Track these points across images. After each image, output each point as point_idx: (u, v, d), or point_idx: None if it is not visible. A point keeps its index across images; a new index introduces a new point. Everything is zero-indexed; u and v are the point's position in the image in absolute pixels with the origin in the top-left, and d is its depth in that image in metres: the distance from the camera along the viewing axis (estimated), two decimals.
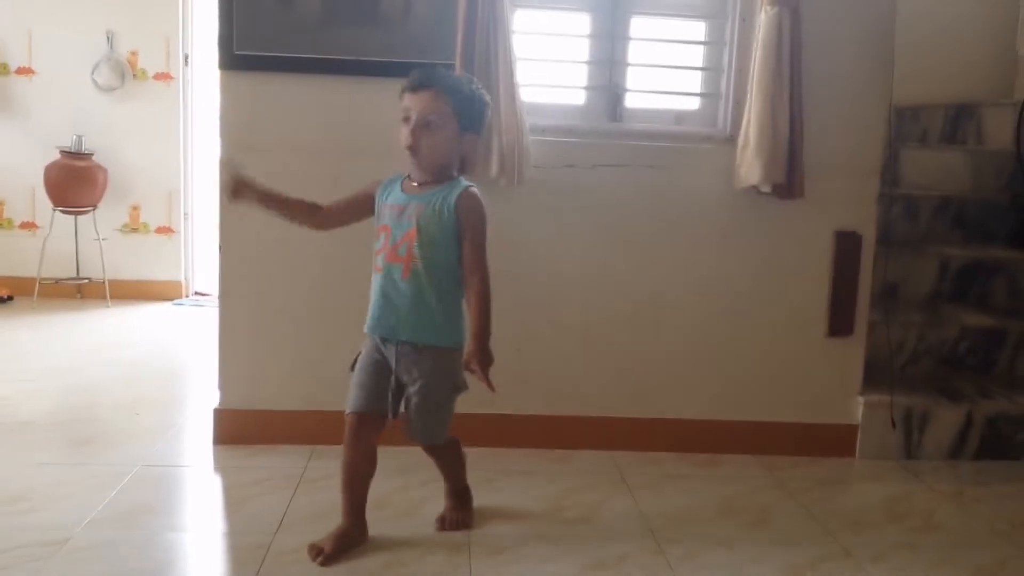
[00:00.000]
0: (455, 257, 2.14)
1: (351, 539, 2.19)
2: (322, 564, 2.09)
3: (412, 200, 2.14)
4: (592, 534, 2.35)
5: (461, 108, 2.11)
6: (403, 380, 2.18)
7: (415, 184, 2.17)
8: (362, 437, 2.19)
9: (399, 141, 2.13)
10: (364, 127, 2.78)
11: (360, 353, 2.24)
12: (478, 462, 2.68)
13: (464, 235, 2.12)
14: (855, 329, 3.01)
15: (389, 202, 2.18)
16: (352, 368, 2.24)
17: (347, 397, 2.21)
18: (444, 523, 2.34)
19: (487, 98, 2.22)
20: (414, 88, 2.11)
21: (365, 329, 2.22)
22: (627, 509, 2.53)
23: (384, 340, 2.18)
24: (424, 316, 2.13)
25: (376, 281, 2.18)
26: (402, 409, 2.21)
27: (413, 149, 2.11)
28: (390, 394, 2.18)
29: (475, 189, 2.17)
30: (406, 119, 2.11)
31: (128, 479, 2.57)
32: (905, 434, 3.03)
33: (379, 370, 2.19)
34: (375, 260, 2.19)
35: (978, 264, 3.48)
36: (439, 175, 2.16)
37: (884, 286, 3.16)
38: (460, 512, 2.37)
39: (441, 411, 2.21)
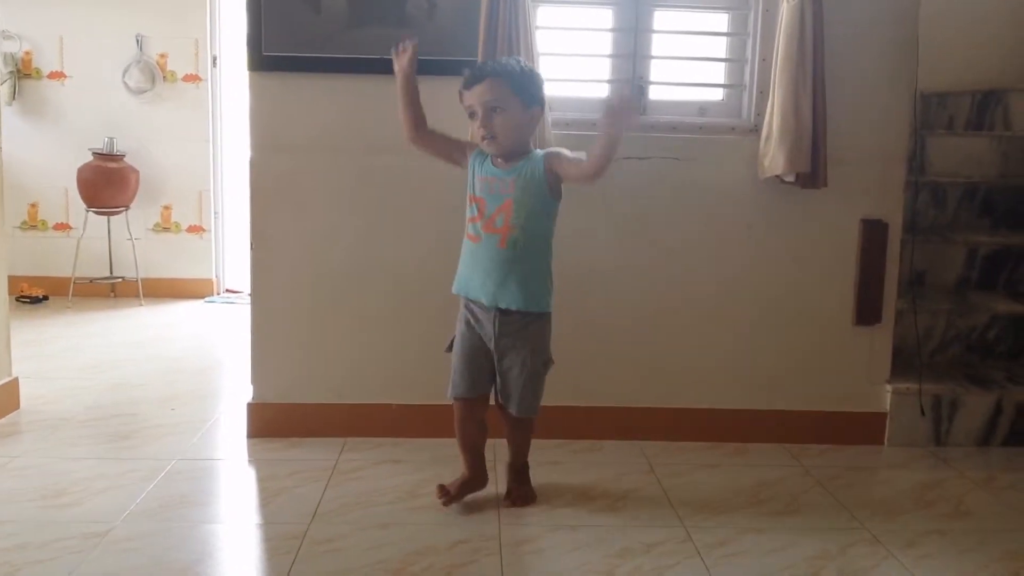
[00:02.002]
0: (548, 225, 2.32)
1: (473, 485, 2.43)
2: (444, 504, 2.37)
3: (504, 174, 2.27)
4: (621, 523, 2.37)
5: (518, 86, 2.22)
6: (500, 348, 2.32)
7: (501, 161, 2.30)
8: (471, 419, 2.39)
9: (473, 136, 2.30)
10: (391, 125, 2.79)
11: (455, 336, 2.40)
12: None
13: (561, 170, 2.25)
14: (883, 317, 3.01)
15: (481, 174, 2.31)
16: (449, 349, 2.41)
17: (450, 382, 2.39)
18: (512, 499, 2.46)
19: (538, 72, 2.38)
20: (469, 85, 2.24)
21: (456, 290, 2.37)
22: (656, 498, 2.54)
23: (480, 307, 2.32)
24: (521, 283, 2.27)
25: (471, 250, 2.32)
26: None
27: (489, 137, 2.23)
28: (488, 373, 2.37)
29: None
30: (472, 115, 2.26)
31: (165, 472, 2.62)
32: (934, 421, 3.03)
33: (476, 352, 2.35)
34: (468, 229, 2.33)
35: (1006, 251, 3.46)
36: (521, 154, 2.29)
37: (911, 274, 3.15)
38: (523, 487, 2.49)
39: (538, 382, 2.37)
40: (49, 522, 2.26)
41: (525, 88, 2.23)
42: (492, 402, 2.44)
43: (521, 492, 2.48)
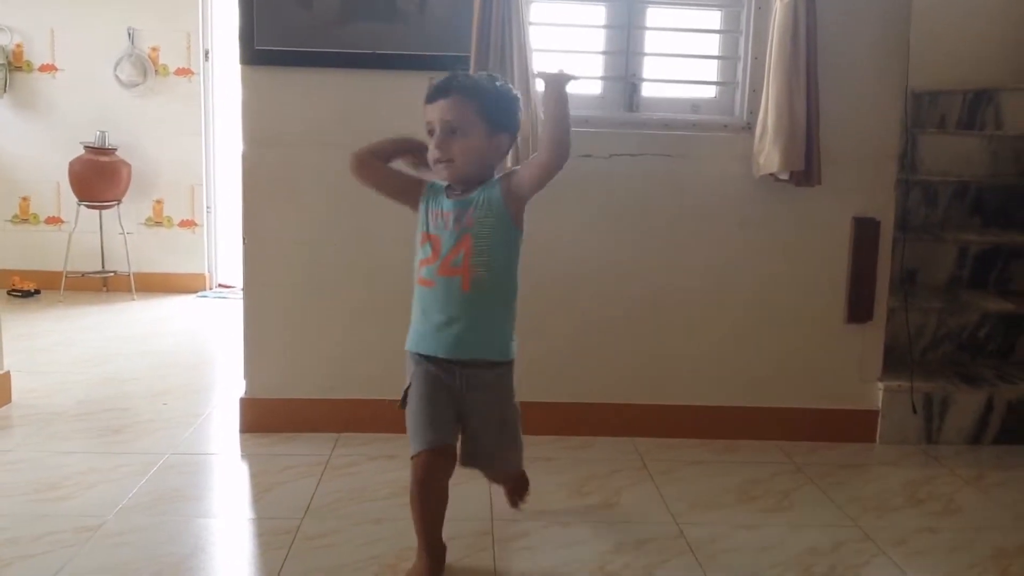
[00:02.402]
0: (513, 259, 1.99)
1: (439, 568, 2.03)
2: None
3: (459, 206, 1.96)
4: (613, 519, 2.38)
5: (485, 109, 1.92)
6: (469, 406, 2.00)
7: (457, 192, 1.99)
8: (438, 478, 1.95)
9: (429, 156, 1.96)
10: (383, 120, 2.80)
11: (409, 385, 2.02)
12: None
13: (522, 180, 1.93)
14: (874, 315, 3.02)
15: (434, 208, 2.00)
16: (403, 404, 2.02)
17: (411, 435, 1.97)
18: (513, 499, 2.33)
19: (515, 93, 2.05)
20: (432, 99, 1.94)
21: (410, 348, 2.02)
22: (648, 494, 2.55)
23: (443, 361, 1.97)
24: (490, 329, 1.98)
25: (426, 296, 1.98)
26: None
27: (444, 161, 1.93)
28: (454, 420, 2.00)
29: None
30: (430, 132, 1.95)
31: (157, 467, 2.62)
32: (925, 419, 3.04)
33: (441, 394, 1.98)
34: (420, 272, 2.00)
35: (997, 249, 3.48)
36: (480, 182, 1.98)
37: (903, 272, 3.17)
38: (520, 492, 2.34)
39: (519, 433, 2.13)
40: (41, 516, 2.26)
41: (493, 112, 1.93)
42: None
43: (516, 498, 2.33)
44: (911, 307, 3.17)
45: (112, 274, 5.69)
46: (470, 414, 2.01)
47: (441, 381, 1.98)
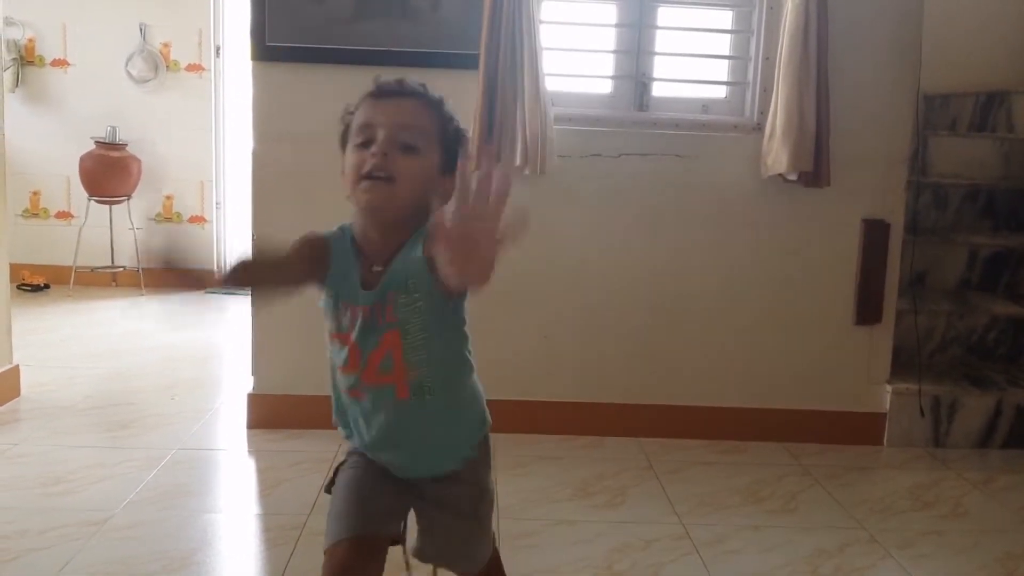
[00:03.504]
0: (460, 329, 1.47)
1: None
2: None
3: (375, 298, 1.42)
4: (620, 518, 2.38)
5: (444, 133, 1.43)
6: (433, 501, 1.51)
7: (376, 268, 1.43)
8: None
9: (349, 175, 1.43)
10: None
11: (339, 468, 1.56)
12: (509, 448, 2.73)
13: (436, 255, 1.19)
14: (883, 317, 3.01)
15: (345, 299, 1.48)
16: (329, 489, 1.54)
17: (327, 525, 1.46)
18: None
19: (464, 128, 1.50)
20: (385, 94, 1.45)
21: (345, 437, 1.59)
22: (654, 494, 2.55)
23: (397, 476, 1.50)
24: (447, 435, 1.48)
25: (354, 409, 1.51)
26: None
27: (384, 178, 1.35)
28: (395, 512, 1.53)
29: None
30: (367, 141, 1.39)
31: (165, 462, 2.63)
32: (933, 422, 3.03)
33: (383, 484, 1.50)
34: (339, 380, 1.54)
35: (1007, 253, 3.46)
36: (404, 231, 1.41)
37: (912, 274, 3.15)
38: None
39: (489, 526, 1.58)
40: (48, 509, 2.27)
41: (450, 145, 1.42)
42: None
43: None
44: (920, 310, 3.16)
45: (121, 269, 5.71)
46: (434, 509, 1.52)
47: (385, 470, 1.50)
